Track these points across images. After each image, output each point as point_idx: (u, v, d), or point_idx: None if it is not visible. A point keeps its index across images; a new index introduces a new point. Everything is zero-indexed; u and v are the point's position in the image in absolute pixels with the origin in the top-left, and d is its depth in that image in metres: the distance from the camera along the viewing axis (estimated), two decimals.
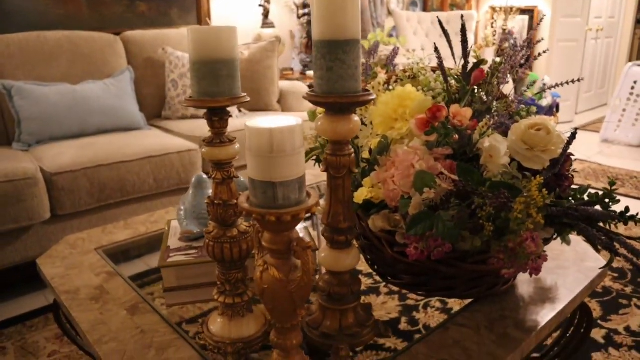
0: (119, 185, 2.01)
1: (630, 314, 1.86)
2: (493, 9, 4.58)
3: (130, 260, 1.26)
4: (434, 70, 1.10)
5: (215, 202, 0.77)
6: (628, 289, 2.03)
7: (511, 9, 4.38)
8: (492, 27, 4.61)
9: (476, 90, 1.00)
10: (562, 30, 4.60)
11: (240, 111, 2.78)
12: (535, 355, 1.38)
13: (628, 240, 0.73)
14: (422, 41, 4.21)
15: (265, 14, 3.60)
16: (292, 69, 3.90)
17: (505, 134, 0.92)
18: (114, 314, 0.98)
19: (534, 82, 1.00)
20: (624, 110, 4.37)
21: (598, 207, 0.80)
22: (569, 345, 1.34)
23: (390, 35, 4.23)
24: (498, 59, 1.01)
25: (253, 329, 0.84)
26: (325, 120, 0.76)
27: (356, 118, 0.78)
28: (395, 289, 1.69)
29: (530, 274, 0.74)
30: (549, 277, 1.11)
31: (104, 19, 2.85)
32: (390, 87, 1.14)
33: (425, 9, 4.55)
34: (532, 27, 4.53)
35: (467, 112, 0.81)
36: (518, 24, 4.58)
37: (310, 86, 3.26)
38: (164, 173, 2.12)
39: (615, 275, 2.14)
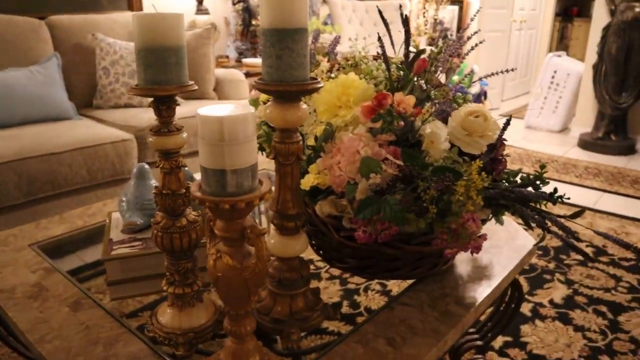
0: (50, 178, 1.91)
1: (553, 287, 2.00)
2: None
3: (68, 255, 1.21)
4: (375, 58, 1.13)
5: (164, 192, 0.76)
6: (551, 265, 2.18)
7: None
8: (424, 16, 4.75)
9: (415, 79, 1.04)
10: (490, 21, 4.80)
11: None
12: (471, 330, 1.47)
13: (558, 218, 0.79)
14: (357, 29, 4.26)
15: (200, 0, 3.51)
16: (227, 57, 3.84)
17: (444, 121, 0.96)
18: (55, 311, 0.94)
19: (471, 72, 1.04)
20: (545, 98, 4.64)
21: (530, 189, 0.86)
22: (501, 319, 1.43)
23: (325, 23, 4.26)
24: (436, 49, 1.05)
25: (203, 319, 0.84)
26: (274, 108, 0.77)
27: (304, 106, 0.79)
28: (336, 274, 1.73)
29: (472, 253, 0.79)
30: (484, 256, 1.18)
31: (27, 1, 2.68)
32: (332, 75, 1.15)
33: None
34: (461, 17, 4.71)
35: (411, 99, 0.85)
36: (448, 14, 4.74)
37: (247, 74, 3.23)
38: (97, 164, 2.04)
39: (540, 252, 2.29)
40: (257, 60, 3.59)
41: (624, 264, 2.22)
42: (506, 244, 1.23)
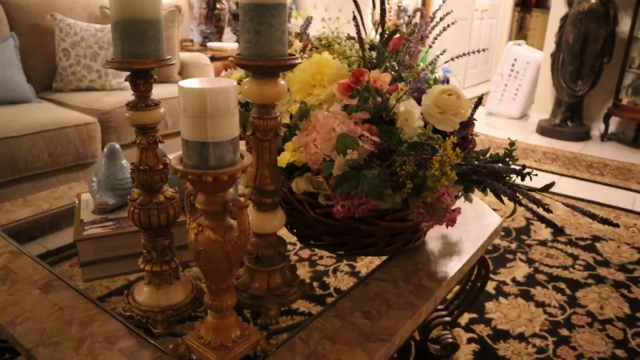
0: (9, 163, 1.85)
1: (515, 266, 2.08)
2: None
3: (35, 239, 1.18)
4: (348, 39, 1.14)
5: (141, 167, 0.75)
6: (513, 245, 2.26)
7: None
8: (388, 3, 4.76)
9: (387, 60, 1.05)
10: (453, 8, 4.87)
11: None
12: (440, 307, 1.51)
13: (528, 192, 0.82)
14: (322, 14, 4.25)
15: None
16: (191, 40, 3.77)
17: (417, 100, 0.98)
18: (26, 294, 0.92)
19: (440, 55, 1.07)
20: (506, 85, 4.76)
21: (501, 165, 0.89)
22: (468, 296, 1.47)
23: (290, 8, 4.22)
24: (407, 30, 1.06)
25: (181, 296, 0.84)
26: (253, 84, 0.77)
27: (282, 82, 0.79)
28: (305, 256, 1.74)
29: (447, 226, 0.81)
30: (453, 233, 1.21)
31: None
32: (305, 56, 1.16)
33: None
34: (425, 4, 4.76)
35: (387, 77, 0.86)
36: (412, 1, 4.78)
37: (212, 58, 3.18)
38: (60, 148, 1.98)
39: (503, 234, 2.37)
40: (223, 44, 3.54)
41: (581, 243, 2.32)
42: (474, 222, 1.27)
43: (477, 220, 1.28)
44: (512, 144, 0.92)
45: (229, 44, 3.47)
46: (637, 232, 2.47)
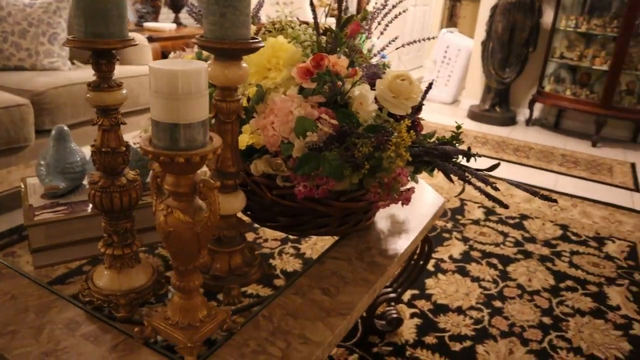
0: None
1: (451, 245, 2.20)
2: None
3: None
4: (301, 23, 1.15)
5: (103, 150, 0.74)
6: (449, 225, 2.38)
7: None
8: None
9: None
10: None
11: (73, 63, 2.53)
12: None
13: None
14: None
15: None
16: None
17: (370, 85, 1.02)
18: None
19: (390, 42, 1.11)
20: (439, 71, 4.93)
21: (449, 147, 0.95)
22: (412, 273, 1.55)
23: None
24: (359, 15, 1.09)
25: (143, 279, 0.84)
26: (216, 67, 0.77)
27: (245, 64, 0.80)
28: (250, 238, 1.77)
29: (402, 204, 0.86)
30: (400, 213, 1.27)
31: None
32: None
33: None
34: None
35: (345, 61, 0.89)
36: None
37: (150, 38, 3.08)
38: None
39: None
40: (160, 25, 3.43)
41: (510, 222, 2.47)
42: (419, 202, 1.34)
43: (421, 200, 1.35)
44: (458, 127, 0.98)
45: (166, 24, 3.37)
46: (560, 211, 2.67)
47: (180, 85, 0.61)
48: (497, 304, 1.79)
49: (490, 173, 0.94)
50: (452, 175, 0.91)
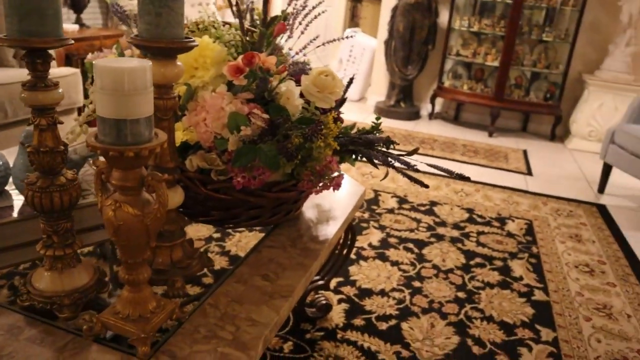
0: None
1: (370, 233, 2.32)
2: None
3: None
4: (224, 24, 1.19)
5: (42, 150, 0.73)
6: (366, 215, 2.50)
7: None
8: None
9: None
10: None
11: None
12: None
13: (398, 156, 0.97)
14: None
15: None
16: None
17: (295, 81, 1.08)
18: None
19: (312, 41, 1.17)
20: (345, 70, 5.11)
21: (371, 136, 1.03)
22: (337, 261, 1.64)
23: None
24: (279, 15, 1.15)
25: (85, 278, 0.84)
26: (153, 65, 0.79)
27: (179, 63, 0.83)
28: None
29: (334, 189, 0.93)
30: (325, 202, 1.35)
31: None
32: None
33: None
34: None
35: (273, 59, 0.94)
36: None
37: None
38: None
39: None
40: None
41: (421, 209, 2.65)
42: (341, 191, 1.42)
43: (344, 190, 1.43)
44: (378, 118, 1.07)
45: (68, 25, 3.20)
46: (465, 196, 2.89)
47: (126, 81, 0.63)
48: (417, 284, 1.93)
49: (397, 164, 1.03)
50: (375, 161, 0.99)
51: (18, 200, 0.99)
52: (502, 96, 4.14)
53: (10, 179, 1.01)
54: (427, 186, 0.95)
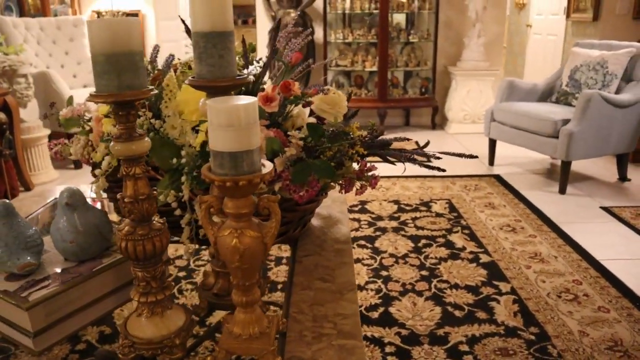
0: None
1: None
2: (98, 12, 4.58)
3: None
4: None
5: (140, 198, 0.76)
6: None
7: (117, 12, 4.49)
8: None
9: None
10: (165, 31, 5.04)
11: None
12: None
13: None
14: (36, 49, 3.87)
15: None
16: None
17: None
18: None
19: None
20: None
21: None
22: None
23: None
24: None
25: (183, 317, 0.86)
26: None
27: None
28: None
29: (372, 187, 1.06)
30: (322, 211, 1.46)
31: None
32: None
33: (22, 14, 4.16)
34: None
35: (296, 84, 1.04)
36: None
37: None
38: None
39: None
40: None
41: (355, 209, 2.83)
42: (330, 197, 1.54)
43: (331, 196, 1.55)
44: (373, 124, 1.21)
45: None
46: (386, 190, 3.14)
47: (242, 117, 0.70)
48: (384, 273, 2.10)
49: None
50: (390, 159, 1.13)
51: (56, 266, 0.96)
52: (386, 97, 4.52)
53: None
54: (444, 170, 1.10)
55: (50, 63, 3.94)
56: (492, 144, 3.64)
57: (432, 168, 1.09)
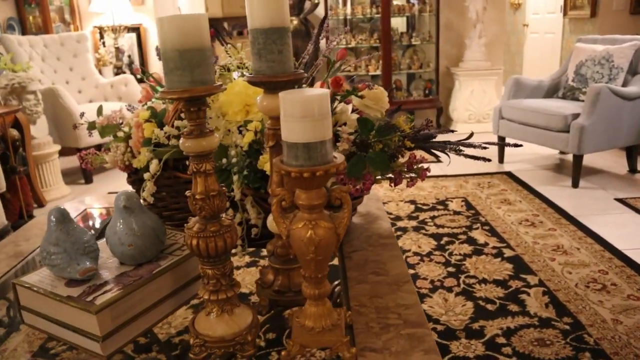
0: None
1: None
2: (100, 28, 4.59)
3: None
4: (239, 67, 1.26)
5: (211, 194, 0.76)
6: None
7: (119, 27, 4.50)
8: (104, 45, 4.63)
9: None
10: None
11: None
12: None
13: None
14: (41, 65, 3.87)
15: None
16: None
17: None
18: None
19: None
20: None
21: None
22: None
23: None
24: None
25: (250, 314, 0.86)
26: (269, 99, 0.85)
27: None
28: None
29: (422, 180, 1.06)
30: (360, 208, 1.46)
31: None
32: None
33: (24, 32, 4.16)
34: (140, 43, 4.78)
35: (343, 80, 1.05)
36: (127, 42, 4.74)
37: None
38: None
39: None
40: None
41: None
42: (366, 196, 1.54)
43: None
44: (411, 120, 1.22)
45: None
46: (401, 192, 3.15)
47: (316, 107, 0.71)
48: (411, 271, 2.10)
49: None
50: (433, 151, 1.14)
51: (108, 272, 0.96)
52: (391, 100, 4.53)
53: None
54: (489, 160, 1.11)
55: (56, 79, 3.94)
56: (501, 141, 3.66)
57: (478, 159, 1.10)
